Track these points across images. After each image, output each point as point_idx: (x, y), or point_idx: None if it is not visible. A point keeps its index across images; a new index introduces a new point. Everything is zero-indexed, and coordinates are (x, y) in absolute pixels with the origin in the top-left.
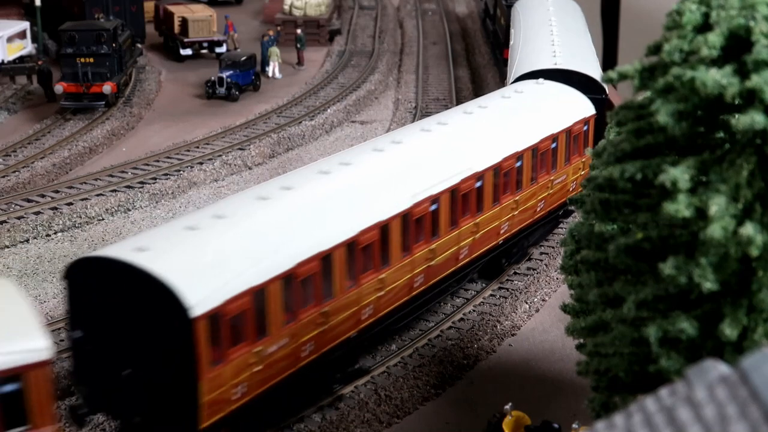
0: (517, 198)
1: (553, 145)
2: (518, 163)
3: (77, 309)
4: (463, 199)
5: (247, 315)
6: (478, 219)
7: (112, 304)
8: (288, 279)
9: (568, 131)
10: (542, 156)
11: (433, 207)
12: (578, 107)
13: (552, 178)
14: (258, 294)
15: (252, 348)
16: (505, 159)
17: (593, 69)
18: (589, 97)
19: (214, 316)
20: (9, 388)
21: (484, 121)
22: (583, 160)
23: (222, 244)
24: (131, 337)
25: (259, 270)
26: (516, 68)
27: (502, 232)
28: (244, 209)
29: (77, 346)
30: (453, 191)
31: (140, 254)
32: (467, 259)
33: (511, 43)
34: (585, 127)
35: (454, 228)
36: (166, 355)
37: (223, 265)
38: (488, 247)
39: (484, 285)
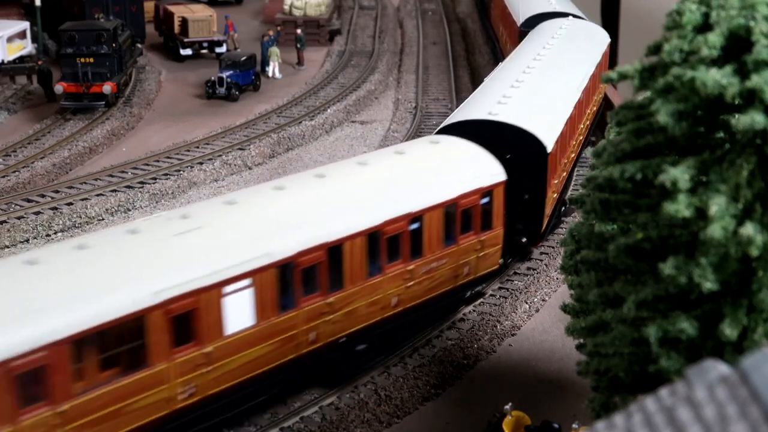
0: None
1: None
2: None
3: None
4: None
5: (555, 157)
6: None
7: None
8: (562, 135)
9: (605, 53)
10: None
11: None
12: (603, 39)
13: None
14: (560, 141)
15: (555, 180)
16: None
17: (579, 12)
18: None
19: (552, 155)
20: (485, 200)
21: (565, 53)
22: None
23: (539, 106)
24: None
25: (558, 125)
26: (524, 12)
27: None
28: (514, 92)
29: None
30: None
31: (507, 116)
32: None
33: None
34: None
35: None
36: (530, 179)
37: (548, 120)
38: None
39: (484, 285)
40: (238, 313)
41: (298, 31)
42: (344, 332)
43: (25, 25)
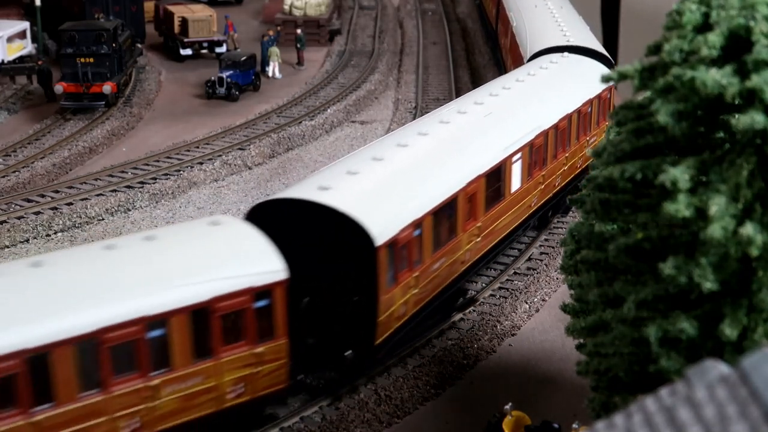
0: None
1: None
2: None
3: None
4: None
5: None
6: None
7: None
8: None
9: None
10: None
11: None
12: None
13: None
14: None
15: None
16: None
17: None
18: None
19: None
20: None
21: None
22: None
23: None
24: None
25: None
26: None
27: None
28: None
29: None
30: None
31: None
32: None
33: None
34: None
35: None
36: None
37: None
38: None
39: (484, 285)
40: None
41: (298, 31)
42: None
43: (25, 25)
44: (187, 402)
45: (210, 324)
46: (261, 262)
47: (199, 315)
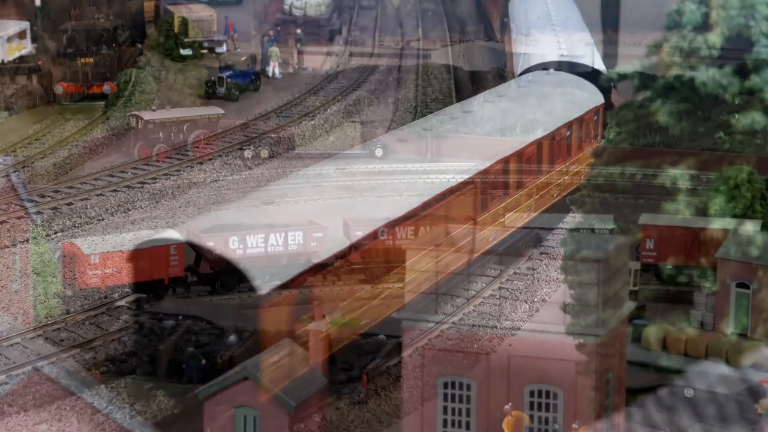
0: None
1: None
2: None
3: None
4: None
5: None
6: None
7: None
8: None
9: None
10: None
11: None
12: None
13: None
14: None
15: None
16: None
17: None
18: None
19: None
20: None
21: None
22: None
23: None
24: None
25: None
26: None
27: None
28: None
29: None
30: None
31: None
32: None
33: None
34: None
35: None
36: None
37: None
38: None
39: (484, 285)
40: None
41: (298, 31)
42: None
43: (25, 25)
44: (572, 180)
45: (581, 128)
46: (596, 94)
47: (578, 122)
